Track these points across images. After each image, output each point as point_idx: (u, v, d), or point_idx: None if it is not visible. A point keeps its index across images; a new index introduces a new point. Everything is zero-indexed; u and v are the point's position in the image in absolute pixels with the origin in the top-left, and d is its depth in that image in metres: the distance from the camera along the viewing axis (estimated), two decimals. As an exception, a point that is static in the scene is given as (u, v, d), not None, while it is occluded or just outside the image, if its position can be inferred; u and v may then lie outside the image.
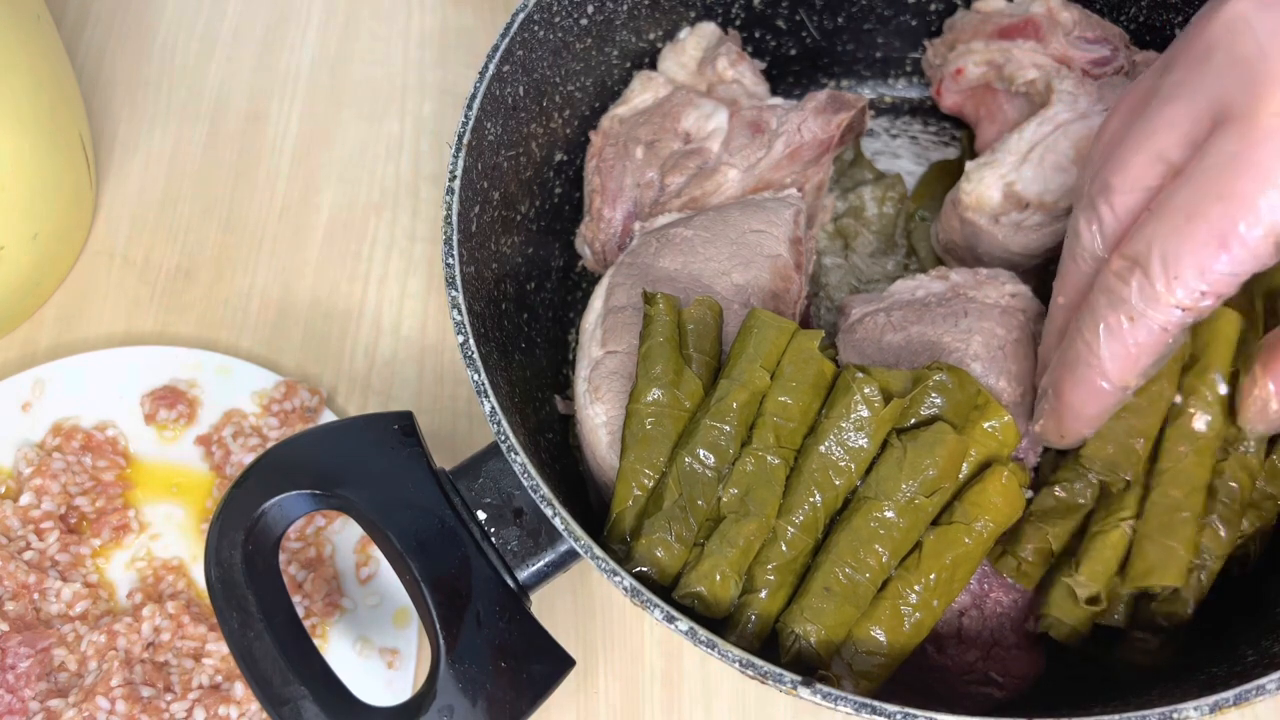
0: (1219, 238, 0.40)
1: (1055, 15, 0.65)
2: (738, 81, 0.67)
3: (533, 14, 0.60)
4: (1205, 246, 0.40)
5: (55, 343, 0.72)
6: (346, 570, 0.64)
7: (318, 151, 0.78)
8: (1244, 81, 0.39)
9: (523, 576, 0.52)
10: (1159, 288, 0.42)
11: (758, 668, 0.43)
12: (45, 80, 0.65)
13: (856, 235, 0.70)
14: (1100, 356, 0.45)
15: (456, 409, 0.70)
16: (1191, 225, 0.40)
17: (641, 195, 0.64)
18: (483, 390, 0.50)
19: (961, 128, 0.73)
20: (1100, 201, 0.45)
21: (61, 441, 0.66)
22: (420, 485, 0.52)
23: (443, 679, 0.49)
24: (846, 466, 0.48)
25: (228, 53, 0.82)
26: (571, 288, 0.69)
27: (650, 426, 0.50)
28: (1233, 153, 0.39)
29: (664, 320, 0.52)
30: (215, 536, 0.51)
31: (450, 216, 0.54)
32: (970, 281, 0.57)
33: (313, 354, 0.71)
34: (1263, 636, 0.49)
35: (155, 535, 0.65)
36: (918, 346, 0.55)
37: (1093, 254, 0.46)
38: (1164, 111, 0.42)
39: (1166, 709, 0.42)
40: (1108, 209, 0.45)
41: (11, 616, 0.61)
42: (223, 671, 0.60)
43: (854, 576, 0.47)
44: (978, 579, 0.52)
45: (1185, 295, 0.42)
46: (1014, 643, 0.52)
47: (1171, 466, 0.48)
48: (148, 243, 0.75)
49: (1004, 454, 0.50)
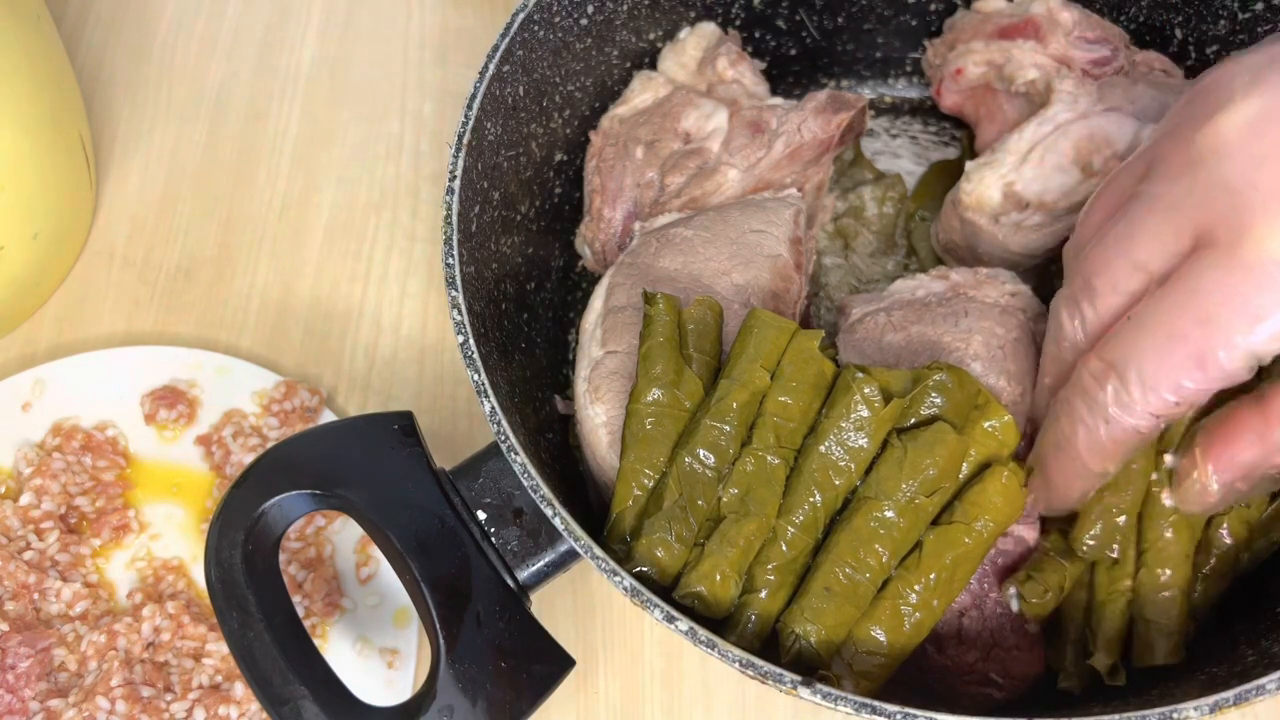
0: (1196, 360, 0.41)
1: (1055, 15, 0.65)
2: (738, 81, 0.67)
3: (533, 14, 0.60)
4: (1182, 366, 0.42)
5: (55, 343, 0.72)
6: (346, 570, 0.64)
7: (318, 151, 0.78)
8: (1228, 210, 0.40)
9: (523, 576, 0.52)
10: (1135, 396, 0.44)
11: (758, 668, 0.43)
12: (45, 80, 0.65)
13: (856, 235, 0.70)
14: (1078, 449, 0.47)
15: (456, 409, 0.70)
16: (1171, 345, 0.42)
17: (641, 195, 0.64)
18: (483, 390, 0.50)
19: (961, 128, 0.73)
20: (1083, 298, 0.46)
21: (61, 441, 0.66)
22: (420, 485, 0.52)
23: (443, 679, 0.49)
24: (846, 466, 0.48)
25: (228, 53, 0.82)
26: (571, 288, 0.69)
27: (650, 426, 0.50)
28: (1215, 280, 0.40)
29: (664, 320, 0.52)
30: (215, 536, 0.51)
31: (450, 216, 0.54)
32: (970, 281, 0.57)
33: (313, 354, 0.71)
34: (1263, 636, 0.49)
35: (155, 535, 0.65)
36: (918, 346, 0.55)
37: (1074, 345, 0.48)
38: (1146, 222, 0.43)
39: (1166, 709, 0.42)
40: (1089, 306, 0.46)
41: (11, 616, 0.61)
42: (223, 671, 0.60)
43: (854, 576, 0.47)
44: (978, 579, 0.52)
45: (1159, 406, 0.43)
46: (1014, 643, 0.52)
47: (1153, 544, 0.50)
48: (148, 243, 0.75)
49: (1004, 454, 0.50)
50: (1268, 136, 0.40)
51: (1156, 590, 0.49)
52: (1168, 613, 0.49)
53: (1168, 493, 0.49)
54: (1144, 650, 0.50)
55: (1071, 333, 0.47)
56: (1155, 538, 0.50)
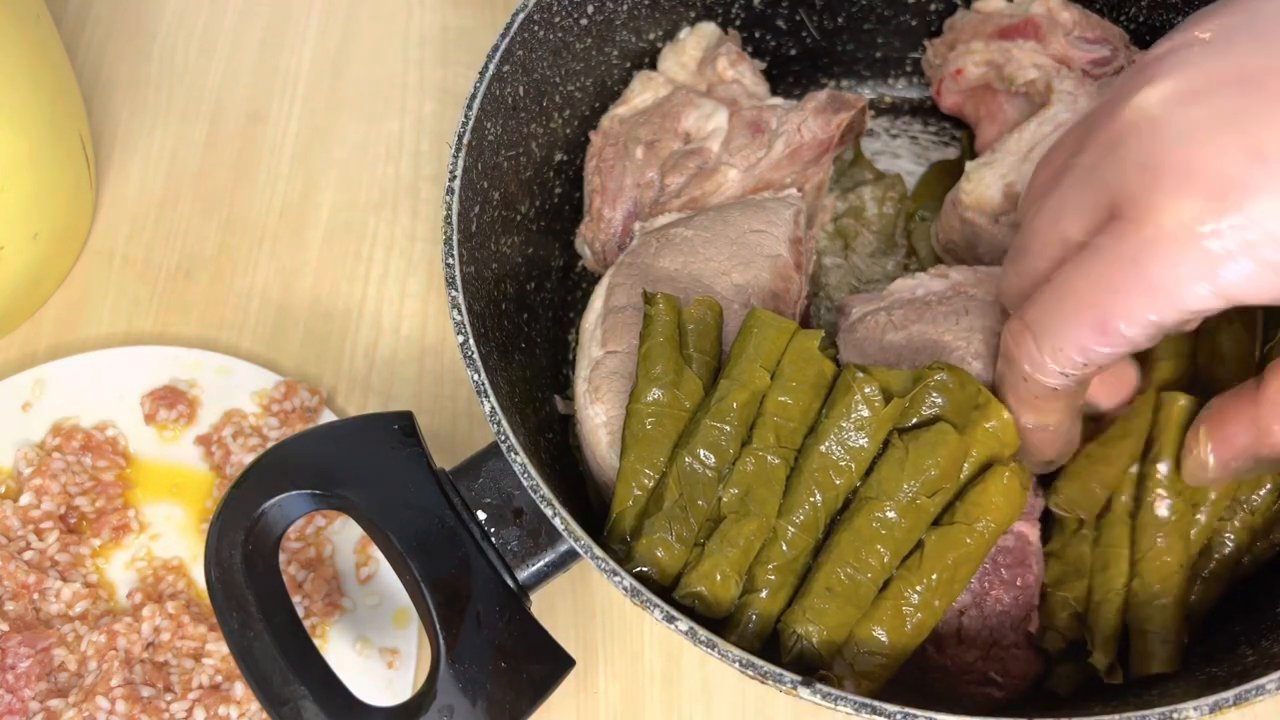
0: (1099, 327, 0.43)
1: (1055, 15, 0.65)
2: (738, 81, 0.67)
3: (533, 14, 0.60)
4: (1087, 332, 0.44)
5: (55, 343, 0.72)
6: (346, 570, 0.64)
7: (318, 151, 0.78)
8: (1139, 186, 0.41)
9: (523, 576, 0.52)
10: (1045, 358, 0.46)
11: (758, 668, 0.43)
12: (45, 80, 0.65)
13: (856, 235, 0.70)
14: (1011, 405, 0.49)
15: (456, 409, 0.70)
16: (1079, 311, 0.44)
17: (641, 195, 0.64)
18: (483, 390, 0.50)
19: (961, 128, 0.73)
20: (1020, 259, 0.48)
21: (61, 441, 0.66)
22: (420, 485, 0.52)
23: (443, 679, 0.49)
24: (847, 466, 0.48)
25: (228, 53, 0.82)
26: (571, 288, 0.69)
27: (650, 426, 0.50)
28: (1120, 253, 0.42)
29: (664, 320, 0.52)
30: (215, 536, 0.51)
31: (450, 216, 0.54)
32: (970, 279, 0.57)
33: (313, 354, 0.71)
34: (1263, 636, 0.49)
35: (155, 535, 0.65)
36: (919, 345, 0.55)
37: (1009, 301, 0.50)
38: (1072, 194, 0.45)
39: (1166, 709, 0.42)
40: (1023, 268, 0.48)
41: (11, 616, 0.61)
42: (223, 671, 0.60)
43: (855, 577, 0.47)
44: (978, 578, 0.52)
45: (1068, 366, 0.45)
46: (1014, 642, 0.52)
47: (1146, 553, 0.51)
48: (148, 243, 0.75)
49: (1005, 454, 0.50)
50: (1183, 116, 0.41)
51: (1151, 599, 0.50)
52: (1163, 622, 0.50)
53: (1162, 503, 0.51)
54: (1142, 659, 0.50)
55: (1008, 290, 0.50)
56: (1149, 546, 0.50)
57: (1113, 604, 0.51)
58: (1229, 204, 0.39)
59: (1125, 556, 0.51)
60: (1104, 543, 0.52)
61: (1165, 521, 0.51)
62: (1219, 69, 0.41)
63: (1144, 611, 0.50)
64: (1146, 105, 0.42)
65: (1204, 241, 0.40)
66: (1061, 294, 0.44)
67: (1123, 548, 0.51)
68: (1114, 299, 0.42)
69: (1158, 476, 0.51)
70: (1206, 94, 0.41)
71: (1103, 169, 0.43)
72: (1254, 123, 0.40)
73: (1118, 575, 0.51)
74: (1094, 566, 0.52)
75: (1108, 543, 0.52)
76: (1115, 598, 0.51)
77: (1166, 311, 0.42)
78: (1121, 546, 0.51)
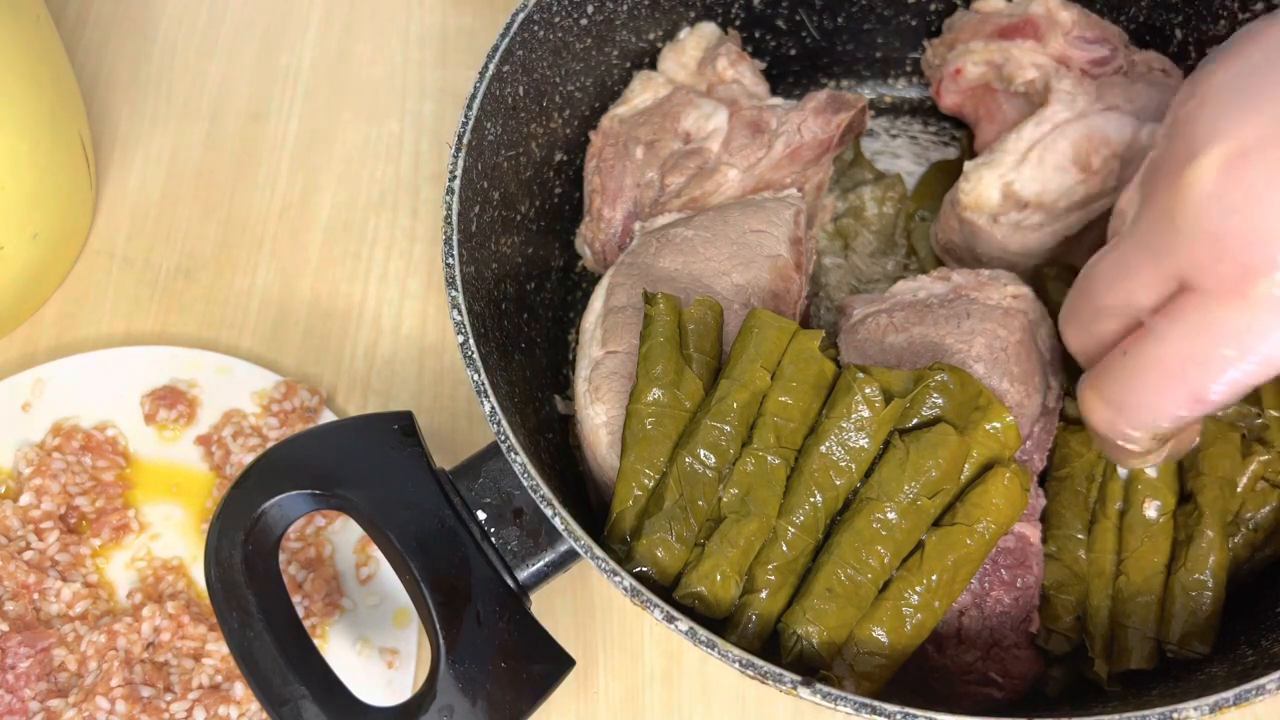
0: (1193, 397, 0.45)
1: (1054, 15, 0.65)
2: (738, 81, 0.67)
3: (533, 14, 0.60)
4: (1182, 403, 0.45)
5: (55, 343, 0.72)
6: (346, 570, 0.64)
7: (318, 151, 0.78)
8: (1208, 258, 0.43)
9: (523, 576, 0.52)
10: (1137, 433, 0.48)
11: (758, 668, 0.43)
12: (45, 80, 0.65)
13: (856, 235, 0.70)
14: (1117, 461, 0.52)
15: (456, 409, 0.70)
16: (1170, 388, 0.46)
17: (641, 195, 0.64)
18: (483, 390, 0.50)
19: (961, 128, 0.73)
20: (1082, 313, 0.50)
21: (61, 441, 0.66)
22: (420, 485, 0.52)
23: (443, 679, 0.49)
24: (847, 467, 0.48)
25: (228, 53, 0.82)
26: (571, 288, 0.69)
27: (650, 426, 0.50)
28: (1204, 324, 0.43)
29: (664, 320, 0.52)
30: (215, 536, 0.51)
31: (450, 216, 0.54)
32: (972, 283, 0.57)
33: (313, 354, 0.71)
34: (1263, 636, 0.50)
35: (155, 535, 0.65)
36: (920, 347, 0.55)
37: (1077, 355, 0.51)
38: (1134, 259, 0.46)
39: (1166, 709, 0.42)
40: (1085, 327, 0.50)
41: (11, 616, 0.61)
42: (223, 671, 0.60)
43: (856, 577, 0.47)
44: (978, 579, 0.52)
45: (1160, 433, 0.48)
46: (1014, 643, 0.52)
47: (1133, 553, 0.52)
48: (148, 243, 0.75)
49: (1006, 455, 0.50)
50: (1238, 181, 0.42)
51: (1134, 595, 0.51)
52: (1144, 619, 0.51)
53: (1151, 504, 0.52)
54: (1120, 654, 0.51)
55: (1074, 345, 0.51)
56: (1136, 545, 0.52)
57: (1107, 608, 0.52)
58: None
59: (1114, 561, 0.52)
60: (1097, 548, 0.53)
61: (1153, 523, 0.52)
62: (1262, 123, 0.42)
63: (1126, 607, 0.51)
64: (1200, 177, 0.43)
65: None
66: (1145, 370, 0.46)
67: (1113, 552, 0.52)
68: (1204, 370, 0.44)
69: (1146, 478, 0.52)
70: (1257, 152, 0.41)
71: (1165, 237, 0.44)
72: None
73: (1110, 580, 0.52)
74: (1090, 572, 0.53)
75: (1101, 548, 0.53)
76: (1109, 602, 0.52)
77: (1259, 374, 0.43)
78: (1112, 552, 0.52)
